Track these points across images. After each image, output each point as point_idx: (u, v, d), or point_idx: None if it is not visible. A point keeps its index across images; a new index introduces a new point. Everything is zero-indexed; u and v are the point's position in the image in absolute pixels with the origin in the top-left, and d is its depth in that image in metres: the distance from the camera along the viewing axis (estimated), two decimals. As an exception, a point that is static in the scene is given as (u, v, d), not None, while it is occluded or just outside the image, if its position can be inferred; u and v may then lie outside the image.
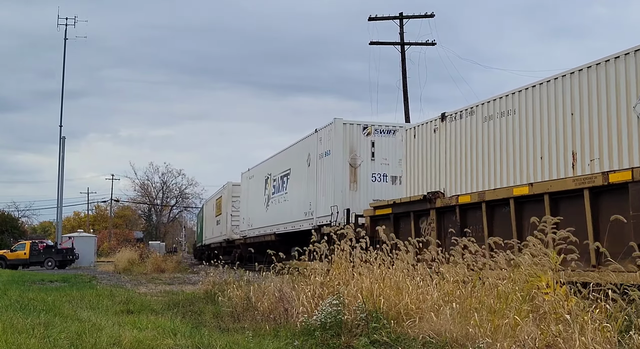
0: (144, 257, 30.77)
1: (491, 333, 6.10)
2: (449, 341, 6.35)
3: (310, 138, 23.18)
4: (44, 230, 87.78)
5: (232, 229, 35.48)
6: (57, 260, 37.96)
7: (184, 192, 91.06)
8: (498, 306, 6.50)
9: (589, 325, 5.55)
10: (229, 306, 9.91)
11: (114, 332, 7.34)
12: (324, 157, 21.39)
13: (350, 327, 7.15)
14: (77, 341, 6.76)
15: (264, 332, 7.62)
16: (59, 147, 41.23)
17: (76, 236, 43.56)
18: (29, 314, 9.12)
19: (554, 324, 5.84)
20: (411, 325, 7.08)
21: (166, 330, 7.64)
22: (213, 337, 7.12)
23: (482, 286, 7.16)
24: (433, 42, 32.61)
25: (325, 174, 21.08)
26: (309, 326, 7.28)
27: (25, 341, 6.60)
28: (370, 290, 7.99)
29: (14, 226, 62.65)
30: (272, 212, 27.56)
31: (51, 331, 7.38)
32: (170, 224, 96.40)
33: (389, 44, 32.54)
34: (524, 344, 5.75)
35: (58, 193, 41.14)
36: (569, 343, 5.47)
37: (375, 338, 6.74)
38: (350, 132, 20.40)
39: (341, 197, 19.82)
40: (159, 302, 11.97)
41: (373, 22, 31.96)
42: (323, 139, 21.42)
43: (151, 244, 56.98)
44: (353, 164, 20.31)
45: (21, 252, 38.27)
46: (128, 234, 76.38)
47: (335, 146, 20.35)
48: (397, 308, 7.51)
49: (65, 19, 42.40)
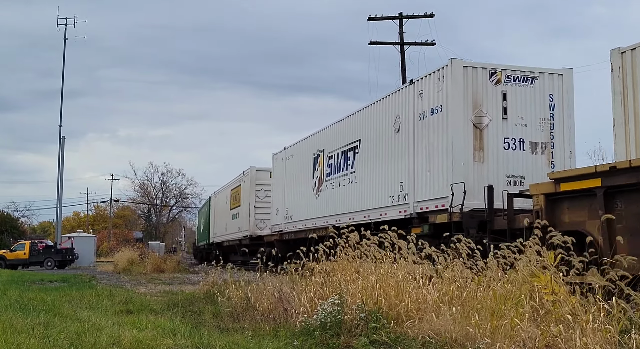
0: (144, 257, 30.76)
1: (491, 333, 6.10)
2: (448, 341, 6.35)
3: (399, 94, 17.46)
4: (44, 230, 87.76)
5: (256, 224, 30.64)
6: (56, 260, 37.94)
7: (183, 192, 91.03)
8: (497, 306, 6.50)
9: (589, 324, 5.55)
10: (229, 306, 9.91)
11: (114, 332, 7.33)
12: (428, 118, 15.70)
13: (350, 327, 7.15)
14: (76, 341, 6.76)
15: (263, 332, 7.62)
16: (59, 147, 41.26)
17: (76, 236, 43.54)
18: (28, 314, 9.12)
19: (553, 324, 5.84)
20: (411, 325, 7.08)
21: (166, 330, 7.64)
22: (212, 337, 7.11)
23: (481, 286, 7.17)
24: (433, 42, 32.60)
25: (433, 140, 15.40)
26: (309, 326, 7.27)
27: (24, 341, 6.60)
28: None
29: (14, 226, 62.65)
30: (328, 200, 21.87)
31: (51, 331, 7.38)
32: (169, 224, 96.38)
33: (389, 44, 32.53)
34: (523, 344, 5.75)
35: (58, 193, 41.15)
36: (568, 343, 5.47)
37: (375, 338, 6.73)
38: (474, 79, 14.81)
39: (463, 171, 14.27)
40: (158, 302, 11.97)
41: (373, 22, 31.97)
42: (427, 91, 15.83)
43: (151, 244, 57.00)
44: (478, 125, 14.70)
45: (21, 252, 38.25)
46: (127, 234, 76.42)
47: (452, 99, 14.67)
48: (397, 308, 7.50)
49: (65, 19, 42.45)
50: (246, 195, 31.95)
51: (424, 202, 15.57)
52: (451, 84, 14.73)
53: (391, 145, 17.57)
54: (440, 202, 14.76)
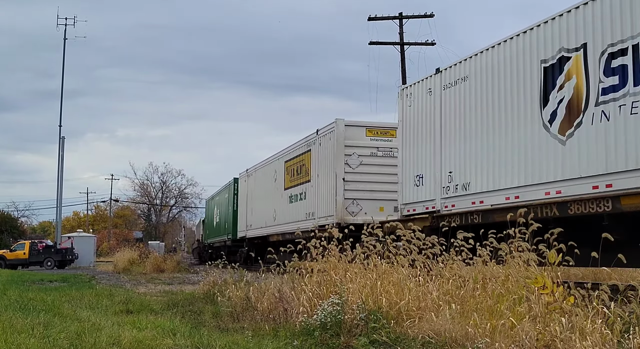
0: (144, 257, 30.76)
1: (490, 333, 6.10)
2: (448, 341, 6.36)
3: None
4: (44, 230, 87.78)
5: (346, 206, 20.35)
6: (56, 260, 37.93)
7: (183, 192, 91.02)
8: (496, 306, 6.50)
9: (588, 324, 5.55)
10: (229, 306, 9.92)
11: (114, 332, 7.34)
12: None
13: (350, 327, 7.15)
14: (76, 341, 6.76)
15: (263, 332, 7.62)
16: (59, 147, 41.22)
17: (75, 236, 43.53)
18: (28, 314, 9.12)
19: (552, 324, 5.84)
20: (411, 325, 7.08)
21: (166, 330, 7.64)
22: (212, 337, 7.12)
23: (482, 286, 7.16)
24: (433, 42, 32.63)
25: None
26: (309, 326, 7.28)
27: (24, 341, 6.60)
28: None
29: (14, 225, 62.64)
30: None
31: (50, 331, 7.38)
32: (169, 224, 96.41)
33: (389, 44, 32.55)
34: (522, 344, 5.75)
35: (58, 193, 41.13)
36: (567, 343, 5.47)
37: (375, 337, 6.74)
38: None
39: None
40: (158, 302, 11.97)
41: (373, 22, 31.99)
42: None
43: (150, 244, 56.94)
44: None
45: (20, 252, 38.24)
46: (127, 234, 76.41)
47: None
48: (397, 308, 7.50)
49: (65, 19, 42.42)
50: (325, 164, 21.51)
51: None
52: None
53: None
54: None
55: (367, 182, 20.13)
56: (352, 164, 20.46)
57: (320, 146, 21.83)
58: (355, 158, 20.48)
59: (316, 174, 22.22)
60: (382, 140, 20.59)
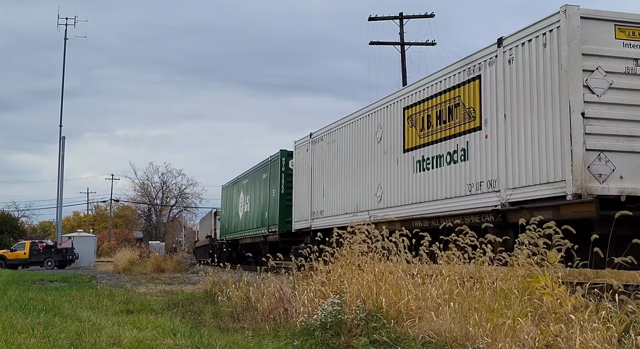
0: (144, 257, 30.78)
1: (491, 333, 6.10)
2: (448, 340, 6.35)
3: None
4: (44, 230, 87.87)
5: (588, 165, 10.59)
6: (56, 260, 37.97)
7: (183, 192, 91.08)
8: (497, 305, 6.49)
9: (589, 324, 5.55)
10: (229, 306, 9.92)
11: (114, 332, 7.33)
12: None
13: (350, 327, 7.15)
14: (76, 341, 6.75)
15: (263, 332, 7.62)
16: (59, 147, 41.27)
17: (76, 236, 43.58)
18: (28, 314, 9.12)
19: (553, 323, 5.83)
20: (411, 325, 7.07)
21: (166, 330, 7.64)
22: (213, 337, 7.11)
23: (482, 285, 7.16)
24: (433, 42, 32.66)
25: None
26: (309, 326, 7.27)
27: (25, 341, 6.59)
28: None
29: (14, 225, 62.70)
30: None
31: (51, 331, 7.38)
32: (170, 224, 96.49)
33: (389, 44, 32.57)
34: (523, 344, 5.75)
35: (58, 193, 41.17)
36: (568, 343, 5.47)
37: (375, 337, 6.73)
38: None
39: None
40: (158, 302, 11.97)
41: (373, 22, 32.02)
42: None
43: (151, 244, 57.04)
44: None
45: (21, 252, 38.28)
46: (128, 234, 76.54)
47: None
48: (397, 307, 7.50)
49: (65, 19, 42.48)
50: (527, 93, 11.90)
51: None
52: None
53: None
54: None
55: (623, 121, 11.06)
56: (597, 87, 10.99)
57: (513, 63, 12.25)
58: (601, 77, 11.01)
59: (498, 113, 12.68)
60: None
